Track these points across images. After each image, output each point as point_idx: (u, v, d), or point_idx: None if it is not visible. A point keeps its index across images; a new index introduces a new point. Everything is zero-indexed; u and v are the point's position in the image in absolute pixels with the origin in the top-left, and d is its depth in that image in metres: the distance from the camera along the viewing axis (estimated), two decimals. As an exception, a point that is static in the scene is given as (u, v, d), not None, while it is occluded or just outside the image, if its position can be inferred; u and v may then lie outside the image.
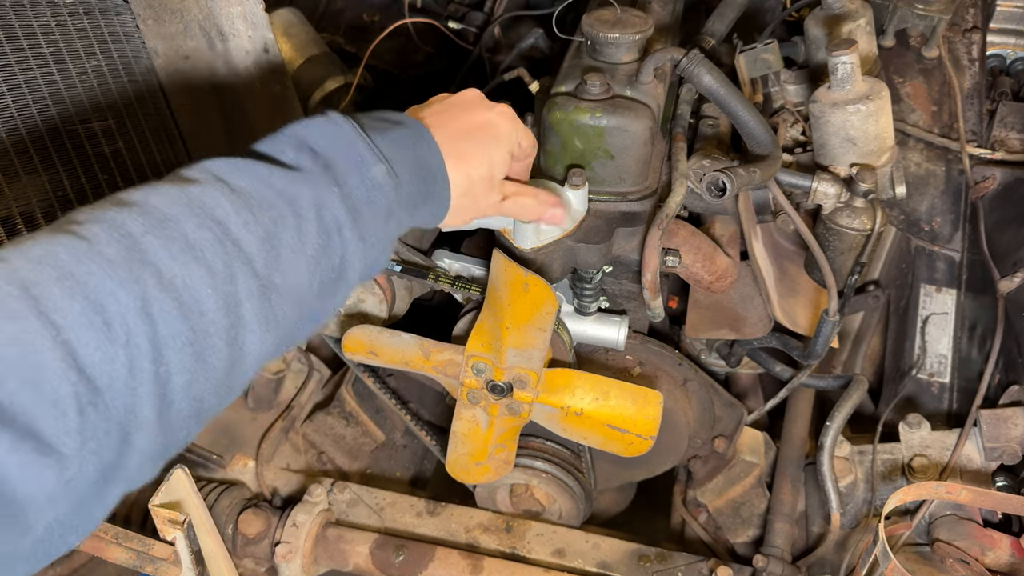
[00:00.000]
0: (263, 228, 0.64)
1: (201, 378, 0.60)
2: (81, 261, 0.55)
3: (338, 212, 0.69)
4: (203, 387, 0.60)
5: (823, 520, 1.30)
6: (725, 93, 1.06)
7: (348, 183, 0.71)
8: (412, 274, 1.16)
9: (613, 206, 1.09)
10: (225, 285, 0.60)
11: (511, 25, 1.67)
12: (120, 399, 0.53)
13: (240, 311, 0.61)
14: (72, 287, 0.53)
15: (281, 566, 1.21)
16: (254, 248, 0.63)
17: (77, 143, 1.13)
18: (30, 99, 1.09)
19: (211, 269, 0.60)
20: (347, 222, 0.70)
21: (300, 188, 0.68)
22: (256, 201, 0.65)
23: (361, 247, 0.72)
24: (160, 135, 1.25)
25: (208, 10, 1.22)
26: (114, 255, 0.56)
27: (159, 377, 0.56)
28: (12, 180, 1.04)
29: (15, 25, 1.11)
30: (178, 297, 0.57)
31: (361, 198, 0.72)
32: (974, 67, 1.56)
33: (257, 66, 1.24)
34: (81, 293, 0.53)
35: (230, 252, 0.61)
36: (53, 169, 1.09)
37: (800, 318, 1.25)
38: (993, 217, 1.44)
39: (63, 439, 0.50)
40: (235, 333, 0.61)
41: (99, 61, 1.20)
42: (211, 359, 0.60)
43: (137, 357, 0.54)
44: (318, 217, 0.68)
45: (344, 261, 0.71)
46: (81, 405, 0.51)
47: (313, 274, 0.68)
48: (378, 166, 0.74)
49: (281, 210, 0.66)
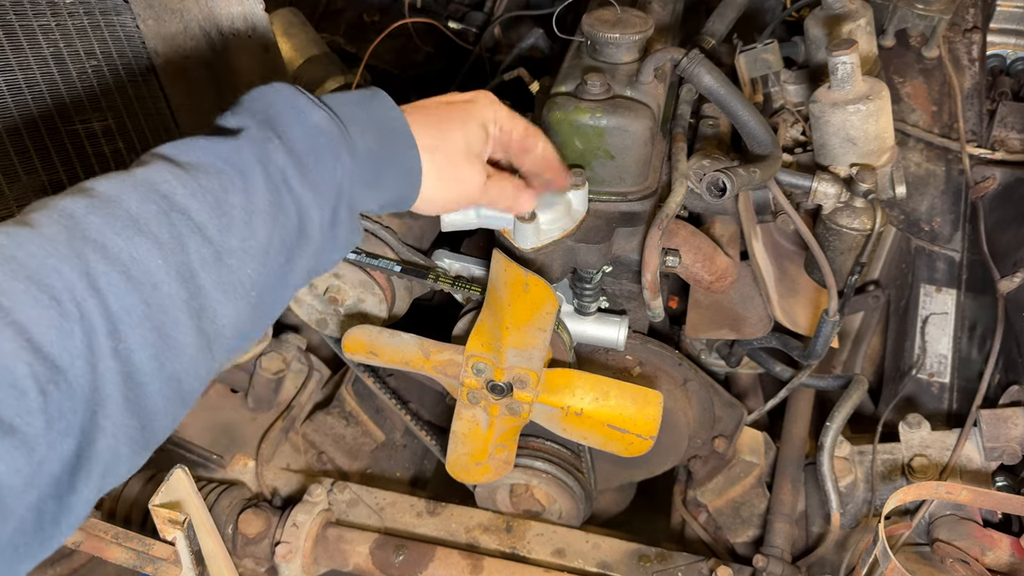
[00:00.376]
0: (211, 195, 0.64)
1: (170, 355, 0.59)
2: (21, 244, 0.55)
3: (282, 162, 0.69)
4: (176, 365, 0.60)
5: (823, 520, 1.30)
6: (725, 93, 1.06)
7: (288, 134, 0.71)
8: (412, 274, 1.17)
9: (613, 206, 1.09)
10: (175, 256, 0.60)
11: (511, 25, 1.67)
12: (82, 377, 0.53)
13: (198, 281, 0.61)
14: (14, 269, 0.53)
15: (281, 566, 1.21)
16: (204, 216, 0.63)
17: (77, 143, 1.13)
18: (30, 99, 1.09)
19: (158, 240, 0.60)
20: (293, 173, 0.69)
21: (243, 149, 0.68)
22: (202, 170, 0.65)
23: (315, 199, 0.71)
24: (160, 135, 1.25)
25: (208, 10, 1.22)
26: (54, 234, 0.56)
27: (119, 354, 0.56)
28: (12, 180, 1.04)
29: (15, 25, 1.11)
30: (125, 271, 0.57)
31: (304, 147, 0.71)
32: (974, 67, 1.56)
33: (257, 66, 1.25)
34: (23, 274, 0.53)
35: (176, 222, 0.61)
36: (53, 169, 1.09)
37: (800, 318, 1.25)
38: (993, 217, 1.44)
39: (26, 419, 0.50)
40: (197, 304, 0.61)
41: (99, 61, 1.20)
42: (175, 333, 0.60)
43: (92, 332, 0.54)
44: (264, 173, 0.68)
45: (301, 214, 0.70)
46: (41, 385, 0.51)
47: (272, 231, 0.68)
48: (318, 112, 0.73)
49: (228, 174, 0.66)
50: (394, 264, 1.17)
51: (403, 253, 1.20)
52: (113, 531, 1.09)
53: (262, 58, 1.25)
